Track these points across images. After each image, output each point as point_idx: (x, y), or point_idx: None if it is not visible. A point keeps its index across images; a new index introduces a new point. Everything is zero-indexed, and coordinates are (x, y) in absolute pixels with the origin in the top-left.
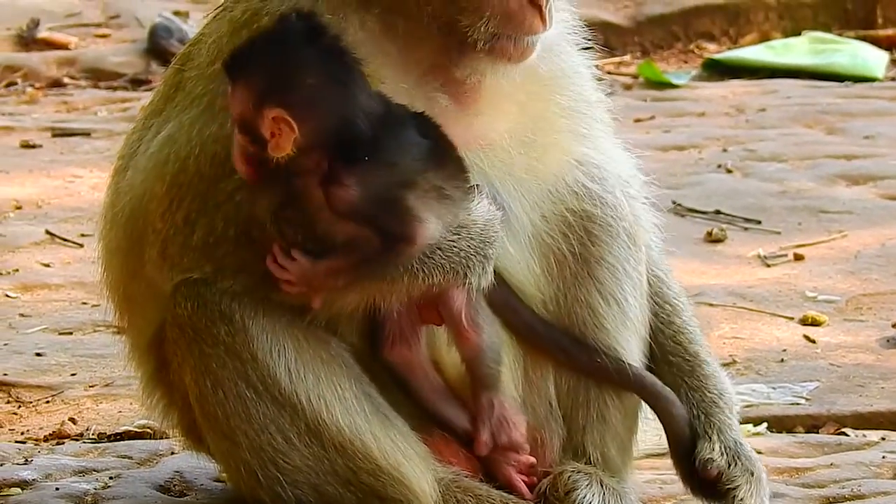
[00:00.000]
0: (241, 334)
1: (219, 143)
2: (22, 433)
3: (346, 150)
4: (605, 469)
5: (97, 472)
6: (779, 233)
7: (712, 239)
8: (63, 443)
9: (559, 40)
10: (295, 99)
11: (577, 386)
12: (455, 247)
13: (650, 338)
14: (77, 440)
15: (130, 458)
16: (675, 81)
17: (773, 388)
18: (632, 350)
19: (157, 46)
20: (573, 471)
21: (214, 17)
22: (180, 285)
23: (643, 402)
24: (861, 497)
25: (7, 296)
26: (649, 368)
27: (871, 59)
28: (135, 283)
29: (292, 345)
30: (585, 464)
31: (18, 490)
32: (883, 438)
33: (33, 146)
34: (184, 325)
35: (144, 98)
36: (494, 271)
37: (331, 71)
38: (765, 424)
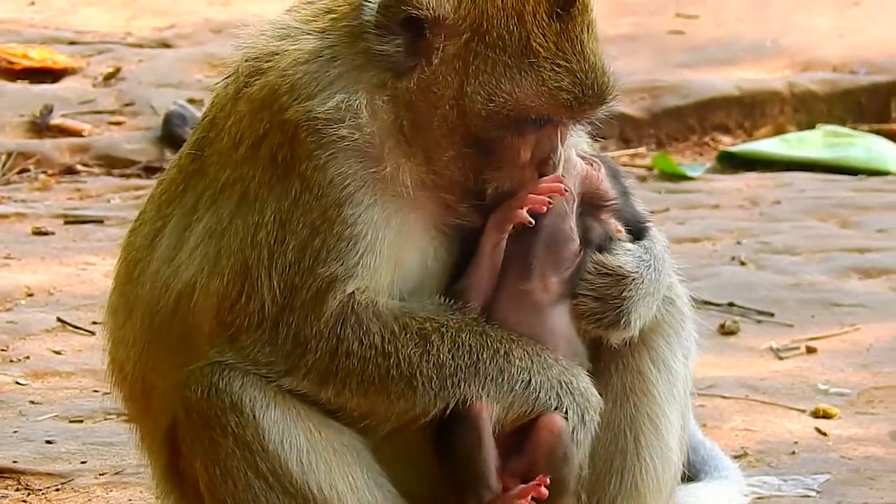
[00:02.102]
0: (252, 426)
1: (267, 230)
2: None
3: None
4: None
5: None
6: (791, 325)
7: (725, 331)
8: None
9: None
10: None
11: (614, 447)
12: None
13: None
14: None
15: None
16: (689, 173)
17: (784, 481)
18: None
19: (172, 134)
20: None
21: (225, 93)
22: (195, 371)
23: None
24: None
25: (18, 383)
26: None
27: (886, 152)
28: (156, 371)
29: (304, 436)
30: None
31: None
32: None
33: (45, 233)
34: (192, 410)
35: None
36: None
37: None
38: None
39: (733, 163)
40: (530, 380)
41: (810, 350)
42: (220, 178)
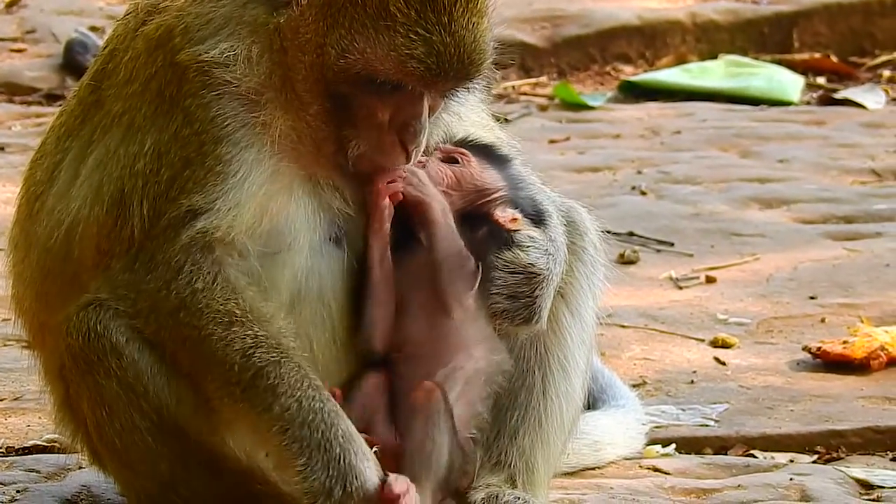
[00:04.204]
0: (133, 368)
1: (146, 160)
2: None
3: None
4: (526, 481)
5: (4, 485)
6: (691, 255)
7: (625, 261)
8: None
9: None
10: None
11: (521, 382)
12: None
13: None
14: None
15: (38, 472)
16: (590, 103)
17: (683, 410)
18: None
19: (73, 62)
20: (511, 496)
21: (125, 27)
22: (71, 316)
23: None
24: None
25: None
26: None
27: (787, 83)
28: (49, 309)
29: (183, 377)
30: (506, 471)
31: None
32: (791, 461)
33: None
34: (76, 356)
35: None
36: None
37: None
38: (673, 445)
39: (634, 92)
40: (289, 428)
41: (710, 280)
42: (112, 110)
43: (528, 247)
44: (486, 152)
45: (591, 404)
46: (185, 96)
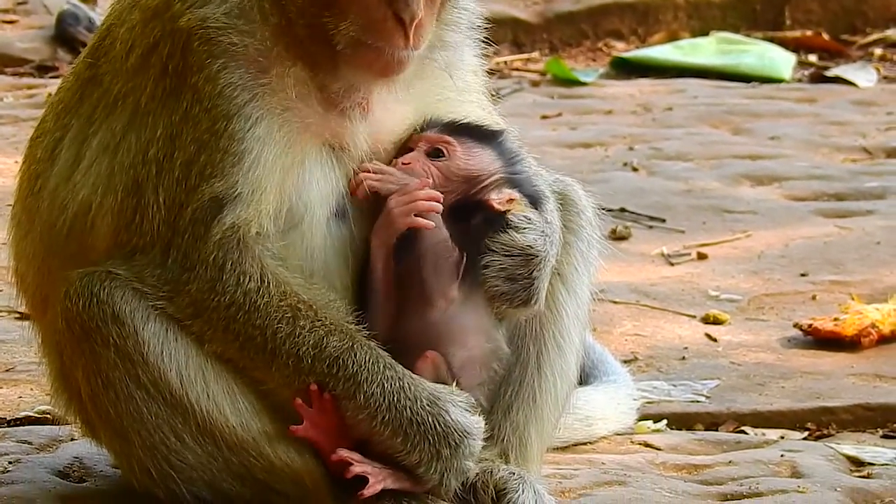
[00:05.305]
0: (133, 338)
1: (158, 146)
2: None
3: None
4: (518, 456)
5: None
6: (683, 231)
7: (616, 237)
8: None
9: (452, 32)
10: None
11: (515, 357)
12: None
13: None
14: None
15: (30, 443)
16: (582, 79)
17: (674, 386)
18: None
19: (65, 33)
20: (506, 471)
21: (121, 3)
22: (73, 281)
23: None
24: (759, 495)
25: None
26: None
27: (779, 60)
28: (52, 283)
29: (184, 349)
30: (499, 445)
31: None
32: (782, 437)
33: None
34: (72, 321)
35: (51, 85)
36: None
37: None
38: (665, 421)
39: (626, 69)
40: (377, 414)
41: (701, 256)
42: (113, 89)
43: (525, 228)
44: (478, 132)
45: (583, 380)
46: (191, 71)
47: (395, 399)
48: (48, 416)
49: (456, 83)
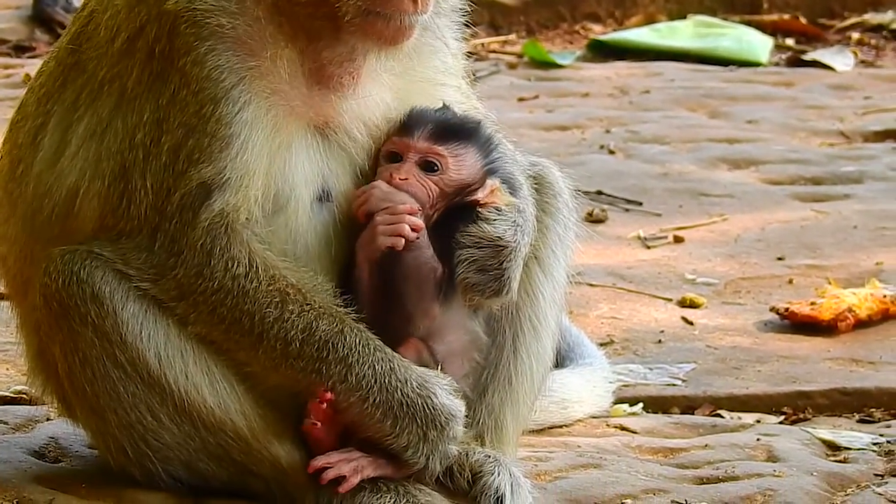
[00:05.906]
0: (112, 317)
1: (145, 131)
2: None
3: None
4: (494, 439)
5: None
6: (659, 215)
7: (593, 219)
8: None
9: (436, 15)
10: None
11: (491, 340)
12: None
13: None
14: None
15: (6, 423)
16: (559, 61)
17: (650, 369)
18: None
19: (42, 13)
20: (481, 454)
21: None
22: (54, 258)
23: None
24: (735, 478)
25: None
26: None
27: (756, 43)
28: (34, 265)
29: (163, 329)
30: (474, 428)
31: None
32: (758, 421)
33: None
34: (51, 298)
35: (28, 65)
36: None
37: None
38: (641, 405)
39: (603, 52)
40: (368, 396)
41: (678, 239)
42: (98, 74)
43: (495, 220)
44: (462, 132)
45: (559, 363)
46: (178, 54)
47: (387, 380)
48: (24, 396)
49: (438, 65)
